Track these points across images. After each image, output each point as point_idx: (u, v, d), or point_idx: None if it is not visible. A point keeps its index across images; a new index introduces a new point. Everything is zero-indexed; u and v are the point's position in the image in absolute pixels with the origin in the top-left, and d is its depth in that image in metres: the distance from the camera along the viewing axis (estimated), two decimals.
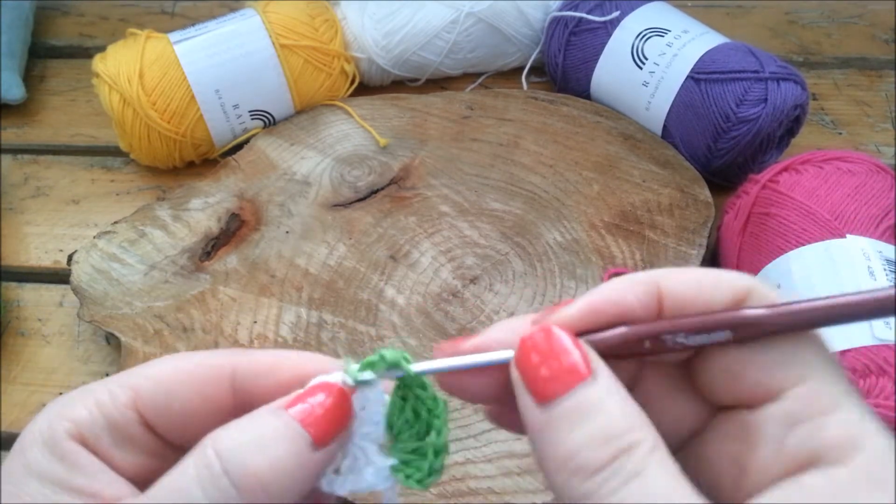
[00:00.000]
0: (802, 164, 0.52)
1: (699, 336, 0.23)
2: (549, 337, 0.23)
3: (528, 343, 0.23)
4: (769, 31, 0.75)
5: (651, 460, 0.21)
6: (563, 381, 0.22)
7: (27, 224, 0.63)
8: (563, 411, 0.22)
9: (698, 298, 0.23)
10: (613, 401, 0.22)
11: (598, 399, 0.22)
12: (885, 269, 0.46)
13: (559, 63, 0.66)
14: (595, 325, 0.23)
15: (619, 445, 0.21)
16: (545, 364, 0.22)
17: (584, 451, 0.21)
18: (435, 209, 0.59)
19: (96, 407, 0.24)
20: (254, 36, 0.62)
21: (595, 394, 0.22)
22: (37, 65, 0.74)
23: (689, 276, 0.24)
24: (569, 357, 0.22)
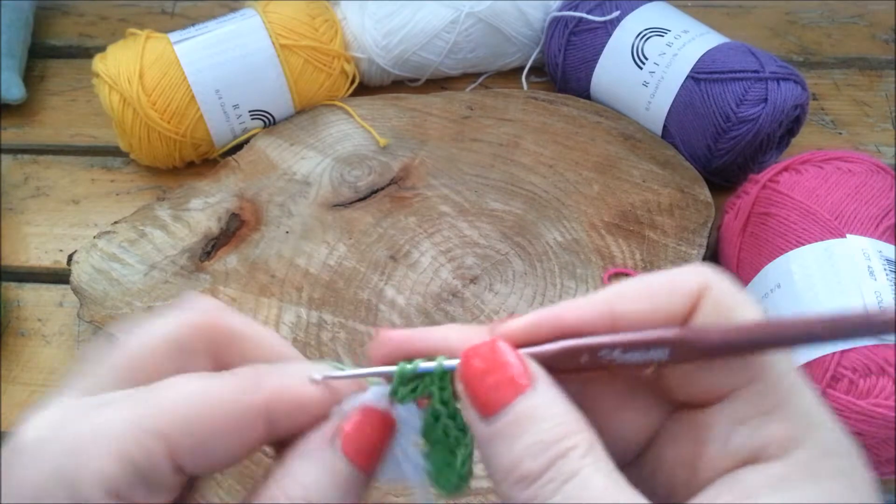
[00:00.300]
0: (802, 164, 0.52)
1: (636, 353, 0.23)
2: (491, 350, 0.23)
3: (471, 356, 0.23)
4: (769, 31, 0.75)
5: (585, 462, 0.21)
6: (504, 393, 0.23)
7: (27, 224, 0.63)
8: (505, 424, 0.22)
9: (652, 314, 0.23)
10: (551, 409, 0.22)
11: (537, 409, 0.22)
12: (885, 269, 0.46)
13: (559, 63, 0.66)
14: (539, 338, 0.24)
15: (556, 451, 0.21)
16: (487, 376, 0.23)
17: (524, 461, 0.22)
18: (435, 209, 0.59)
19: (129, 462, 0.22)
20: (254, 36, 0.62)
21: (533, 404, 0.22)
22: (37, 65, 0.74)
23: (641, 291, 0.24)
24: (509, 369, 0.23)
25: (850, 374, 0.43)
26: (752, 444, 0.22)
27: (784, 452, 0.22)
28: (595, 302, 0.24)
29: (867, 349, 0.43)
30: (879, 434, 0.42)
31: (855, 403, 0.42)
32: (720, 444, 0.23)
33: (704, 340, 0.23)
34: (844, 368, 0.43)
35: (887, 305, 0.19)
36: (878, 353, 0.43)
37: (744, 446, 0.22)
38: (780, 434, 0.22)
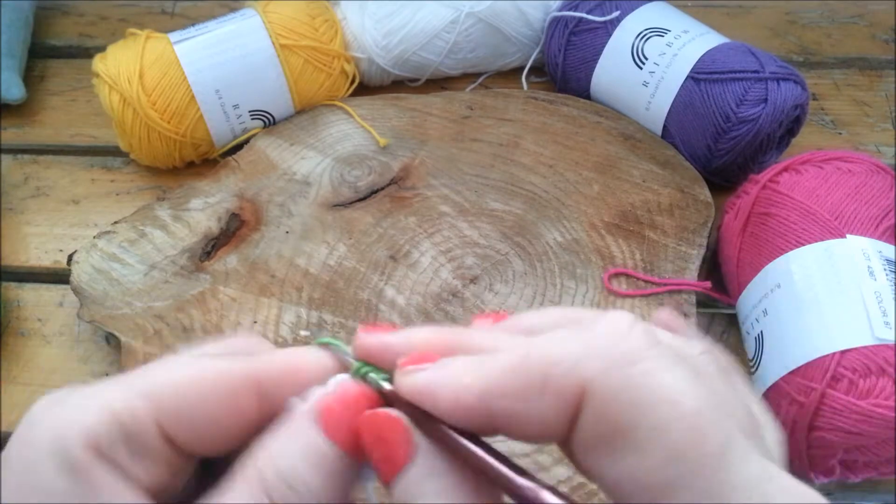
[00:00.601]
0: (802, 164, 0.52)
1: None
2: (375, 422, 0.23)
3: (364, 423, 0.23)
4: (769, 31, 0.75)
5: None
6: (388, 467, 0.22)
7: (27, 224, 0.63)
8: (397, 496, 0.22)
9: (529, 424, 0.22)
10: (430, 485, 0.22)
11: (415, 485, 0.22)
12: (885, 269, 0.46)
13: (559, 63, 0.66)
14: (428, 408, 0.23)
15: None
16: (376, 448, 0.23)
17: None
18: (435, 209, 0.59)
19: (112, 417, 0.22)
20: (254, 36, 0.62)
21: (410, 480, 0.22)
22: (37, 65, 0.74)
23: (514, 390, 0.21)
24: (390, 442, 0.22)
25: (850, 374, 0.43)
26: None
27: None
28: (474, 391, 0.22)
29: (867, 349, 0.43)
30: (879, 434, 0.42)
31: (855, 403, 0.42)
32: None
33: None
34: (844, 368, 0.43)
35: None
36: (878, 353, 0.43)
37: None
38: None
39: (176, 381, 0.23)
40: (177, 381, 0.23)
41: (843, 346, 0.43)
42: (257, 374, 0.23)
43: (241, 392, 0.23)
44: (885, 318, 0.44)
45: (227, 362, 0.24)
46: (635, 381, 0.20)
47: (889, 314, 0.44)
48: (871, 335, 0.43)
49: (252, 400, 0.23)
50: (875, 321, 0.44)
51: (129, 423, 0.22)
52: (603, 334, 0.21)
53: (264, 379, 0.24)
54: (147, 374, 0.23)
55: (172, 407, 0.22)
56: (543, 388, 0.21)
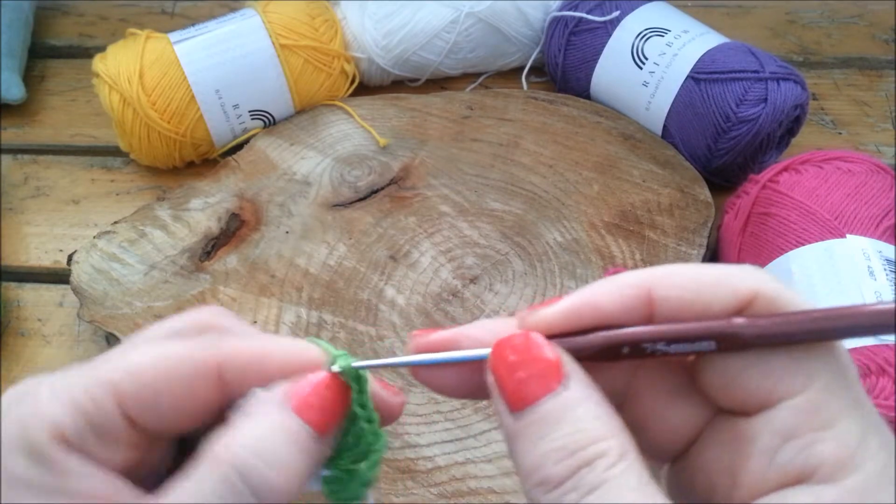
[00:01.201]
0: (802, 164, 0.52)
1: (680, 345, 0.22)
2: (524, 342, 0.22)
3: (503, 347, 0.22)
4: (769, 31, 0.75)
5: (612, 473, 0.20)
6: (534, 389, 0.22)
7: (27, 224, 0.63)
8: (533, 421, 0.21)
9: (694, 304, 0.22)
10: (583, 410, 0.21)
11: (567, 408, 0.21)
12: (885, 269, 0.46)
13: (559, 63, 0.66)
14: (576, 327, 0.23)
15: (582, 458, 0.20)
16: (518, 370, 0.22)
17: (546, 464, 0.21)
18: (435, 209, 0.59)
19: (74, 406, 0.22)
20: (254, 36, 0.62)
21: (564, 403, 0.21)
22: (37, 65, 0.74)
23: (685, 279, 0.22)
24: (540, 363, 0.22)
25: None
26: (801, 464, 0.21)
27: (837, 477, 0.20)
28: (633, 286, 0.23)
29: (867, 349, 0.43)
30: None
31: None
32: (765, 459, 0.21)
33: (754, 330, 0.21)
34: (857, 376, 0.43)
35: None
36: (878, 353, 0.43)
37: (792, 464, 0.21)
38: (834, 456, 0.20)
39: (136, 366, 0.23)
40: (137, 366, 0.23)
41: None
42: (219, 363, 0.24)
43: (202, 378, 0.23)
44: None
45: (190, 347, 0.24)
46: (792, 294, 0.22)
47: None
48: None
49: (213, 386, 0.24)
50: None
51: (91, 410, 0.22)
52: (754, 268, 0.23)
53: (227, 368, 0.24)
54: (110, 359, 0.24)
55: (133, 393, 0.23)
56: (717, 284, 0.22)
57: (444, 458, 0.46)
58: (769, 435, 0.21)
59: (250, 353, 0.24)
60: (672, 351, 0.22)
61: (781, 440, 0.21)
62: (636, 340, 0.22)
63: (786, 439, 0.21)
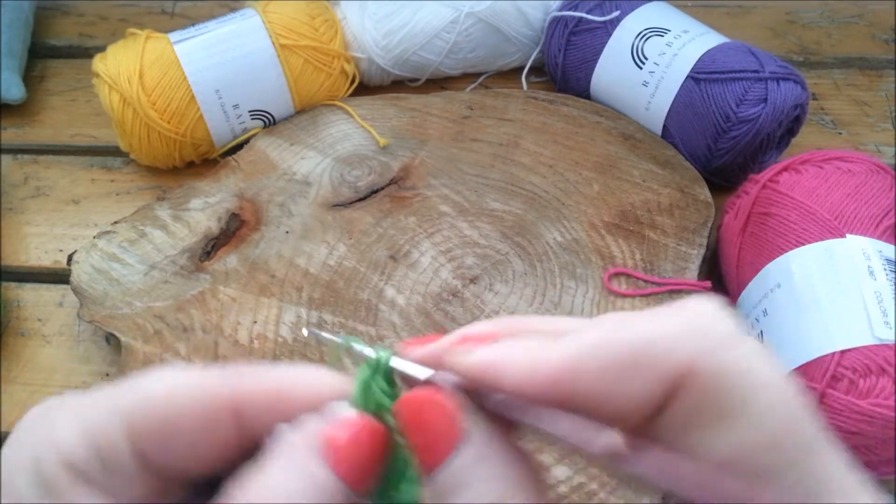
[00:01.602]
0: (802, 164, 0.52)
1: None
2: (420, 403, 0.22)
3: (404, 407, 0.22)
4: (769, 31, 0.75)
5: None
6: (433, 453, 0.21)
7: (27, 224, 0.63)
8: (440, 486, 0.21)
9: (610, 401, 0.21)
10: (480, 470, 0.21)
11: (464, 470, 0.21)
12: (885, 269, 0.46)
13: (559, 63, 0.66)
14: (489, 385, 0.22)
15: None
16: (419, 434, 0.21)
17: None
18: (435, 209, 0.59)
19: (87, 438, 0.21)
20: (254, 36, 0.62)
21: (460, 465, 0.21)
22: (37, 65, 0.74)
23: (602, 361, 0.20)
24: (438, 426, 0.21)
25: (850, 374, 0.43)
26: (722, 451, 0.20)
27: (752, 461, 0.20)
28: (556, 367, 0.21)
29: (867, 349, 0.43)
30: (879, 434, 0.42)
31: (855, 403, 0.42)
32: None
33: None
34: (844, 368, 0.43)
35: None
36: (878, 353, 0.43)
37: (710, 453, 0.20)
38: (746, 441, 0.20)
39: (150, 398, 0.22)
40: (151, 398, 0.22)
41: (843, 346, 0.43)
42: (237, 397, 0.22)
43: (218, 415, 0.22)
44: (885, 318, 0.44)
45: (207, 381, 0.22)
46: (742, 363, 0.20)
47: (889, 314, 0.44)
48: (871, 335, 0.43)
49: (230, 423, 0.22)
50: (875, 321, 0.44)
51: (102, 443, 0.21)
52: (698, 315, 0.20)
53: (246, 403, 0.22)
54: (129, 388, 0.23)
55: (146, 426, 0.22)
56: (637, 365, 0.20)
57: None
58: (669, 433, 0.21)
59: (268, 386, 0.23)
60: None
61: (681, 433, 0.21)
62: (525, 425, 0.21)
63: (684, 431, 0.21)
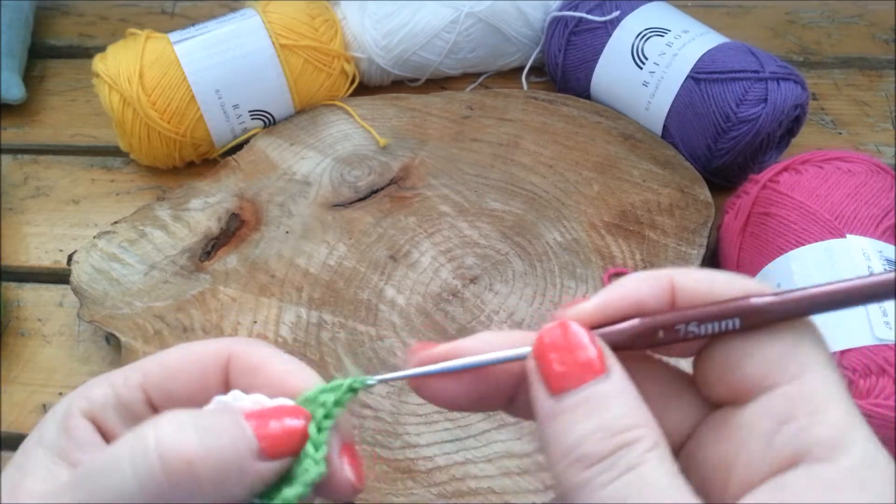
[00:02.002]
0: (802, 164, 0.52)
1: (710, 324, 0.23)
2: (566, 332, 0.23)
3: (546, 337, 0.23)
4: (769, 31, 0.75)
5: (649, 456, 0.21)
6: (577, 376, 0.23)
7: (27, 224, 0.63)
8: (574, 403, 0.22)
9: (710, 293, 0.24)
10: (623, 398, 0.22)
11: (609, 395, 0.22)
12: (886, 269, 0.46)
13: (559, 63, 0.66)
14: (610, 319, 0.24)
15: (622, 440, 0.21)
16: (562, 358, 0.23)
17: (587, 442, 0.22)
18: (435, 209, 0.59)
19: (110, 387, 0.25)
20: (254, 36, 0.62)
21: (606, 390, 0.22)
22: (37, 65, 0.74)
23: (702, 274, 0.24)
24: (584, 352, 0.23)
25: (849, 374, 0.43)
26: (796, 445, 0.22)
27: (830, 456, 0.21)
28: (657, 276, 0.24)
29: (867, 349, 0.43)
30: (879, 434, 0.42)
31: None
32: (762, 444, 0.22)
33: (771, 306, 0.23)
34: (844, 368, 0.43)
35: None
36: (878, 353, 0.43)
37: (787, 446, 0.22)
38: (827, 436, 0.21)
39: (166, 356, 0.26)
40: (166, 356, 0.26)
41: (843, 346, 0.43)
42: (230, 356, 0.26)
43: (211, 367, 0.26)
44: (885, 318, 0.44)
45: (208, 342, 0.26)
46: None
47: (889, 314, 0.44)
48: (871, 335, 0.43)
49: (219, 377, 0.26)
50: (875, 321, 0.44)
51: (121, 391, 0.25)
52: None
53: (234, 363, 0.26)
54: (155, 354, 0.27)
55: (156, 376, 0.25)
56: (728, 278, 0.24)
57: (444, 458, 0.46)
58: (766, 420, 0.23)
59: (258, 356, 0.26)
60: (702, 332, 0.23)
61: (777, 423, 0.22)
62: (670, 323, 0.24)
63: (781, 423, 0.22)
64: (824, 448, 0.21)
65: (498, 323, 0.53)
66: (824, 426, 0.22)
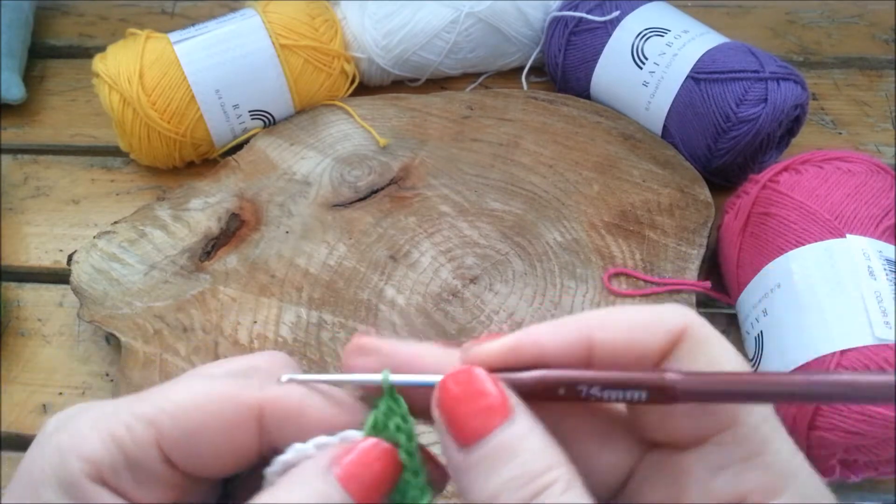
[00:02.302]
0: (802, 164, 0.52)
1: (615, 392, 0.22)
2: (469, 377, 0.22)
3: (449, 383, 0.23)
4: (769, 31, 0.75)
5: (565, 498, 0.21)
6: (483, 423, 0.22)
7: (27, 224, 0.63)
8: (483, 455, 0.22)
9: (630, 348, 0.23)
10: (531, 440, 0.22)
11: (516, 439, 0.22)
12: (885, 269, 0.46)
13: (559, 63, 0.66)
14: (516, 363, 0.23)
15: (536, 486, 0.21)
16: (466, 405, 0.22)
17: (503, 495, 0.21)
18: (435, 209, 0.59)
19: (113, 443, 0.22)
20: (254, 36, 0.62)
21: (513, 434, 0.22)
22: (37, 65, 0.74)
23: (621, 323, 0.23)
24: (489, 398, 0.22)
25: None
26: (733, 492, 0.22)
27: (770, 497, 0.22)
28: (573, 329, 0.23)
29: (867, 349, 0.43)
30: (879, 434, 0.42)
31: None
32: (700, 490, 0.23)
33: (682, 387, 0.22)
34: (844, 368, 0.43)
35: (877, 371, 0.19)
36: (878, 353, 0.43)
37: (724, 493, 0.22)
38: (761, 482, 0.22)
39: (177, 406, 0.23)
40: (178, 406, 0.23)
41: (843, 346, 0.43)
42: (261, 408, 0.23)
43: (242, 424, 0.23)
44: (885, 318, 0.44)
45: (235, 388, 0.23)
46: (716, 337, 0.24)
47: (889, 314, 0.44)
48: (871, 335, 0.43)
49: (252, 433, 0.23)
50: (875, 321, 0.44)
51: (130, 448, 0.22)
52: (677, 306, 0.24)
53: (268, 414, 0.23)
54: (154, 395, 0.23)
55: (173, 433, 0.23)
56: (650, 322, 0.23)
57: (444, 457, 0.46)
58: (703, 468, 0.23)
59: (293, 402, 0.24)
60: (605, 397, 0.23)
61: (713, 473, 0.23)
62: (572, 382, 0.23)
63: (717, 471, 0.23)
64: (758, 494, 0.22)
65: (498, 323, 0.53)
66: (758, 472, 0.22)
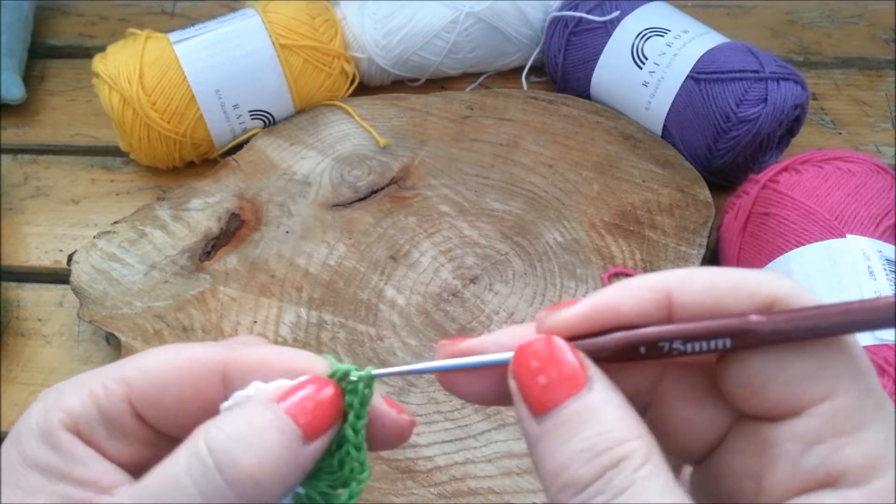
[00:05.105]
0: (802, 164, 0.52)
1: (698, 343, 0.22)
2: (545, 346, 0.22)
3: (524, 352, 0.23)
4: (769, 31, 0.75)
5: (639, 475, 0.20)
6: (558, 392, 0.22)
7: (27, 224, 0.63)
8: (557, 423, 0.21)
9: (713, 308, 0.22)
10: (607, 411, 0.21)
11: (591, 410, 0.21)
12: (885, 269, 0.46)
13: (559, 63, 0.66)
14: (595, 328, 0.23)
15: (609, 459, 0.20)
16: (541, 374, 0.22)
17: (573, 466, 0.21)
18: (435, 209, 0.59)
19: (90, 398, 0.24)
20: (254, 36, 0.62)
21: (588, 403, 0.21)
22: (37, 65, 0.74)
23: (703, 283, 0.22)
24: (564, 367, 0.22)
25: None
26: (827, 467, 0.21)
27: (863, 480, 0.20)
28: (652, 290, 0.23)
29: (867, 349, 0.43)
30: None
31: None
32: (791, 463, 0.21)
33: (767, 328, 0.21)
34: None
35: None
36: (878, 353, 0.43)
37: (818, 468, 0.21)
38: (860, 460, 0.21)
39: (149, 366, 0.24)
40: (149, 365, 0.24)
41: None
42: (225, 364, 0.25)
43: (206, 378, 0.24)
44: None
45: (201, 349, 0.25)
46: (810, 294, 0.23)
47: None
48: (872, 335, 0.43)
49: (216, 386, 0.24)
50: None
51: (103, 402, 0.24)
52: None
53: (232, 369, 0.24)
54: (128, 361, 0.25)
55: (143, 389, 0.24)
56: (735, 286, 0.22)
57: (444, 458, 0.46)
58: (794, 441, 0.22)
59: (255, 356, 0.25)
60: (688, 350, 0.22)
61: (807, 446, 0.21)
62: (652, 339, 0.22)
63: (811, 445, 0.21)
64: (856, 471, 0.21)
65: (498, 323, 0.53)
66: (856, 448, 0.21)
